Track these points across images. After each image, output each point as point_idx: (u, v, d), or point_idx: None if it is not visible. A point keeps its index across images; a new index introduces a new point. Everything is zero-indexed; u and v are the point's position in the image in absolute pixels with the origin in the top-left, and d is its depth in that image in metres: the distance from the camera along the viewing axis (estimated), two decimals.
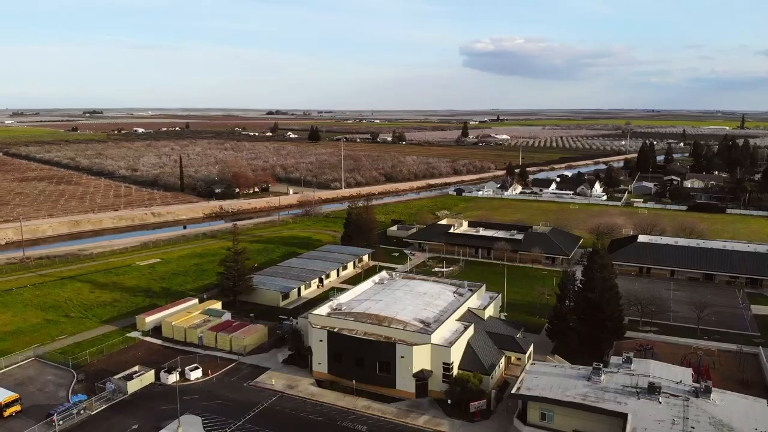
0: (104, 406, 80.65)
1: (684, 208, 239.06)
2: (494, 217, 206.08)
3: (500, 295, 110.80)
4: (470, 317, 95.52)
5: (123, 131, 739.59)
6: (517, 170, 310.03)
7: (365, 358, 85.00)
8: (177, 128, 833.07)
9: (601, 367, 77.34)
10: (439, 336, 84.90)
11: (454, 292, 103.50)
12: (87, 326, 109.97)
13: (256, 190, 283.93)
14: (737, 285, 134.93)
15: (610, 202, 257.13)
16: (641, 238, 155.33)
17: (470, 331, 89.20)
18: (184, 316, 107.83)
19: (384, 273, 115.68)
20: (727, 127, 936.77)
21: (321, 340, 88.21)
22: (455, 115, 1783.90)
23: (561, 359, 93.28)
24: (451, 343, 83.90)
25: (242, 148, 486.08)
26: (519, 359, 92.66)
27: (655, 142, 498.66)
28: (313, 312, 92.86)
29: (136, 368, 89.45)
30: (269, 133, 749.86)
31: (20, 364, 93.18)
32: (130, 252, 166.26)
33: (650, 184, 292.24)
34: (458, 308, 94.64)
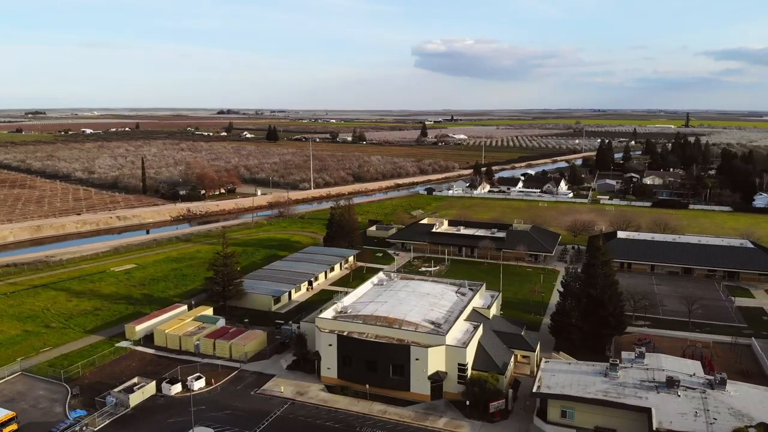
0: (107, 422, 76.35)
1: (648, 204, 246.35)
2: (468, 216, 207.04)
3: (500, 294, 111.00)
4: (476, 317, 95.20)
5: (70, 132, 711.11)
6: (483, 169, 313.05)
7: (377, 362, 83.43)
8: (127, 129, 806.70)
9: (618, 362, 78.11)
10: (452, 337, 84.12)
11: (456, 292, 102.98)
12: (71, 337, 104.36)
13: (222, 191, 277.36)
14: (716, 278, 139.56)
15: (577, 200, 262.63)
16: (620, 234, 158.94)
17: (480, 330, 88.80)
18: (177, 323, 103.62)
19: (382, 274, 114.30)
20: (673, 126, 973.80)
21: (330, 345, 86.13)
22: (409, 115, 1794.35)
23: (566, 356, 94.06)
24: (465, 344, 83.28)
25: (200, 149, 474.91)
26: (525, 357, 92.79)
27: (613, 141, 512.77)
28: (320, 316, 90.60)
29: (136, 380, 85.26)
30: (224, 133, 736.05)
31: (7, 379, 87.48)
32: (102, 257, 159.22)
33: (613, 182, 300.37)
34: (465, 308, 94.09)
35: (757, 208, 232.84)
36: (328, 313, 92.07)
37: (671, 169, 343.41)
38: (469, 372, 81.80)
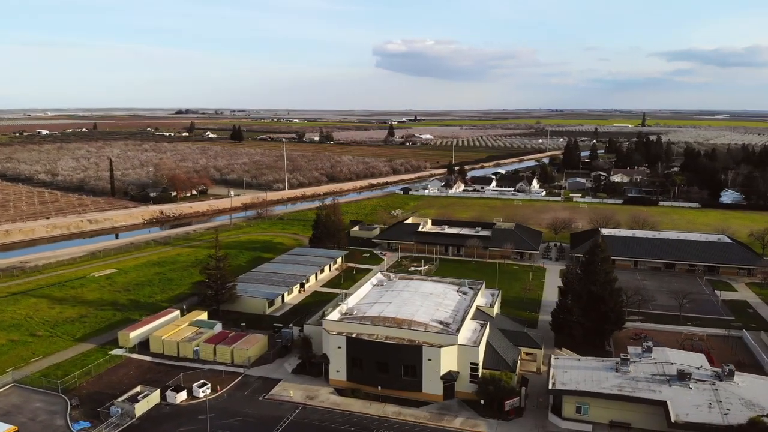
0: None
1: (620, 201, 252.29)
2: (449, 215, 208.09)
3: (500, 293, 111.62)
4: (480, 316, 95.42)
5: (26, 133, 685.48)
6: (456, 168, 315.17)
7: (389, 363, 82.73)
8: (84, 129, 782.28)
9: (629, 357, 79.36)
10: (462, 336, 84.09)
11: (458, 291, 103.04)
12: (61, 345, 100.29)
13: (194, 193, 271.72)
14: (698, 273, 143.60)
15: (550, 198, 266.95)
16: (603, 231, 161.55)
17: (487, 329, 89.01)
18: (172, 329, 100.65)
19: (380, 275, 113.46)
20: (630, 125, 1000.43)
21: (339, 347, 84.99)
22: (372, 115, 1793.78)
23: (569, 352, 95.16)
24: (477, 343, 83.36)
25: (164, 149, 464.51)
26: (528, 355, 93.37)
27: (579, 141, 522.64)
28: (327, 318, 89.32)
29: (138, 388, 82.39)
30: (186, 133, 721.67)
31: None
32: (80, 262, 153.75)
33: (583, 180, 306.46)
34: (470, 307, 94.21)
35: (724, 204, 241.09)
36: (334, 315, 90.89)
37: (636, 167, 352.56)
38: (481, 371, 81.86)
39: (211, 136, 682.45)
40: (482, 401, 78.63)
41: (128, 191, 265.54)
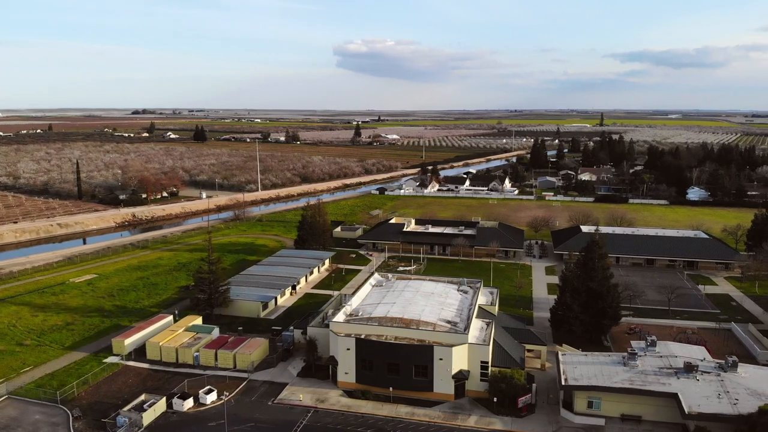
0: None
1: (591, 200, 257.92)
2: (431, 214, 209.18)
3: (498, 291, 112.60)
4: (483, 314, 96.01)
5: None
6: (429, 168, 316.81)
7: (400, 363, 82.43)
8: (39, 130, 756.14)
9: (636, 352, 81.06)
10: (471, 335, 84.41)
11: (458, 290, 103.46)
12: (51, 354, 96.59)
13: (165, 195, 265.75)
14: (678, 268, 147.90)
15: (524, 197, 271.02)
16: (584, 229, 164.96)
17: (493, 327, 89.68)
18: (169, 335, 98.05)
19: (377, 275, 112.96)
20: (588, 125, 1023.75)
21: (348, 349, 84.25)
22: (335, 115, 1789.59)
23: (570, 348, 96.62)
24: (486, 342, 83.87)
25: (127, 151, 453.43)
26: (530, 351, 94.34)
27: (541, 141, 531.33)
28: (334, 320, 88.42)
29: (143, 397, 79.95)
30: (146, 134, 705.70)
31: None
32: (57, 268, 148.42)
33: (553, 179, 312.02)
34: (473, 306, 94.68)
35: (691, 201, 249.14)
36: (340, 316, 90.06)
37: (602, 166, 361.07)
38: (490, 369, 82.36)
39: (173, 136, 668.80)
40: (495, 399, 79.06)
41: (96, 194, 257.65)
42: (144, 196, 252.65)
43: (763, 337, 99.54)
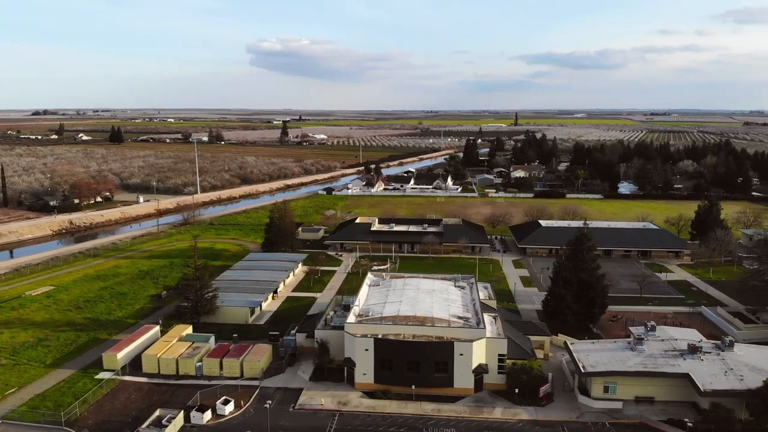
0: None
1: (531, 195, 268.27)
2: (387, 213, 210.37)
3: (491, 285, 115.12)
4: (486, 309, 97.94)
5: None
6: (372, 167, 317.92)
7: (420, 361, 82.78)
8: None
9: (642, 337, 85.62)
10: (487, 329, 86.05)
11: (455, 286, 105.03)
12: (33, 374, 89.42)
13: (99, 200, 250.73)
14: (633, 258, 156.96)
15: (468, 194, 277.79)
16: (543, 223, 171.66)
17: (500, 321, 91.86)
18: (163, 346, 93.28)
19: (371, 275, 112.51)
20: (503, 125, 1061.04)
21: (366, 349, 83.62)
22: (251, 114, 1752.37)
23: (566, 337, 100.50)
24: (501, 335, 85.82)
25: (41, 154, 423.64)
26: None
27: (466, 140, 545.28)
28: (347, 321, 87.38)
29: (158, 412, 75.86)
30: (54, 136, 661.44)
31: None
32: (6, 281, 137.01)
33: (491, 176, 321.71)
34: (475, 301, 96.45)
35: (623, 195, 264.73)
36: (351, 318, 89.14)
37: (532, 163, 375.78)
38: (507, 361, 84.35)
39: (85, 138, 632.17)
40: (516, 390, 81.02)
41: (22, 200, 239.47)
42: (77, 201, 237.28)
43: (733, 318, 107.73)
